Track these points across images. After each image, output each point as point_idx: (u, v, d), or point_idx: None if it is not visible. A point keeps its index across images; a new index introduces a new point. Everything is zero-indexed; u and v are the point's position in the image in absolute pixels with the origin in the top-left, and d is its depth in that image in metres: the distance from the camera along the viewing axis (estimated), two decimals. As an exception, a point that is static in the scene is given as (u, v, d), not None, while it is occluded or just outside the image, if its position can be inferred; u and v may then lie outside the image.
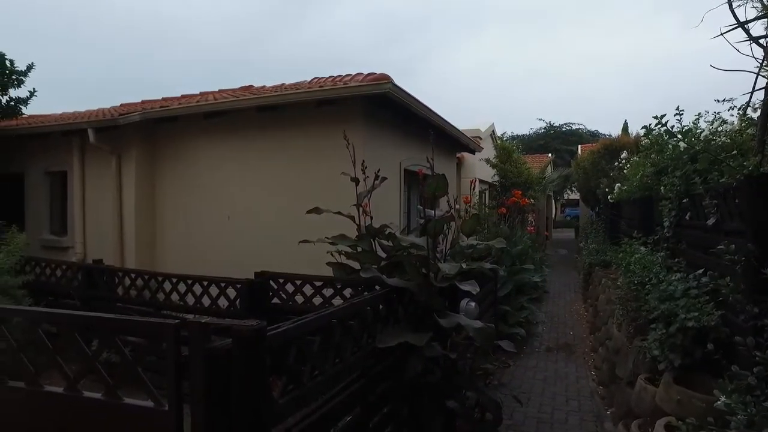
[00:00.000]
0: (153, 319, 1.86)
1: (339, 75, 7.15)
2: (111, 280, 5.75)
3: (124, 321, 1.94)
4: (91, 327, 2.06)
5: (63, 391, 1.96)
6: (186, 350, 1.75)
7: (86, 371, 1.93)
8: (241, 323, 1.75)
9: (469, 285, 3.38)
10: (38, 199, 9.09)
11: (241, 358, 1.74)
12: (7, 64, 8.55)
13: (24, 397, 2.05)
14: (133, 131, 7.71)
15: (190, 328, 1.73)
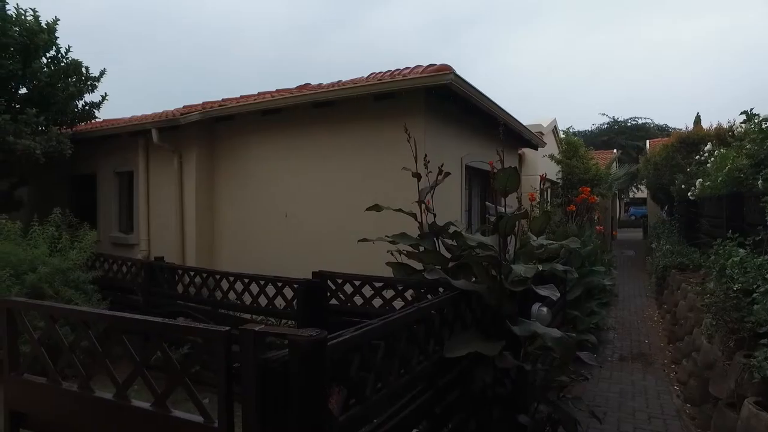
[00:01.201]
0: (203, 325, 1.68)
1: (397, 69, 6.91)
2: (171, 277, 5.80)
3: (174, 326, 1.78)
4: (139, 330, 1.92)
5: (112, 398, 1.82)
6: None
7: (135, 377, 1.78)
8: (300, 333, 1.53)
9: (547, 290, 3.04)
10: (108, 198, 9.45)
11: (299, 372, 1.52)
12: (83, 71, 8.94)
13: (73, 400, 1.94)
14: (193, 130, 7.83)
15: (242, 336, 1.53)
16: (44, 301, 2.13)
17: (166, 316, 5.77)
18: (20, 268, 5.52)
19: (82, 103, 9.04)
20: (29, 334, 2.08)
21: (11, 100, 7.87)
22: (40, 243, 5.90)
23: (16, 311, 2.09)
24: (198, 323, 1.69)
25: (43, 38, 8.29)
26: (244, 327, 1.56)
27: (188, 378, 1.71)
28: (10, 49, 7.88)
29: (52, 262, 5.66)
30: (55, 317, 2.02)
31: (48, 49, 8.53)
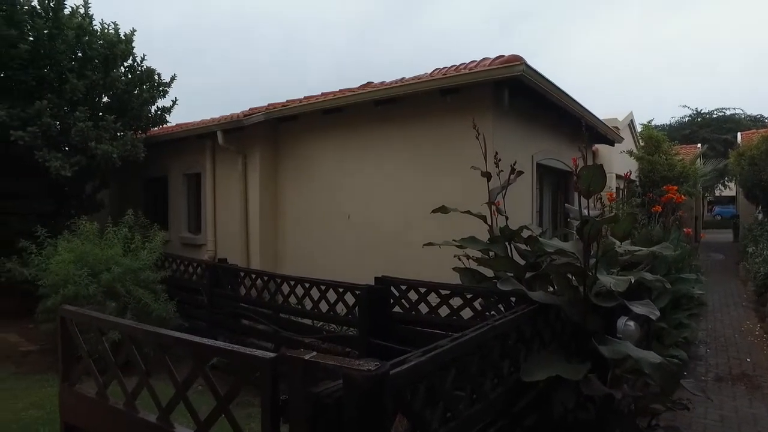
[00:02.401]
0: (247, 350, 1.48)
1: (462, 63, 6.58)
2: (234, 279, 5.80)
3: (216, 348, 1.60)
4: (182, 350, 1.76)
5: (155, 421, 1.68)
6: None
7: (177, 401, 1.62)
8: (357, 365, 1.28)
9: (644, 307, 2.63)
10: (178, 199, 9.78)
11: (355, 412, 1.28)
12: (155, 77, 9.31)
13: (119, 419, 1.82)
14: (256, 132, 7.89)
15: (290, 365, 1.31)
16: (93, 312, 2.04)
17: (229, 317, 5.78)
18: (97, 268, 5.73)
19: (154, 108, 9.41)
20: (80, 345, 1.99)
21: (94, 108, 8.29)
22: (114, 243, 6.11)
23: (68, 320, 2.00)
24: (244, 348, 1.48)
25: (121, 48, 8.69)
26: (293, 353, 1.34)
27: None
28: (94, 61, 8.31)
29: (124, 262, 5.84)
30: (103, 330, 1.91)
31: (125, 58, 8.94)
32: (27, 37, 7.57)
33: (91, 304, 5.44)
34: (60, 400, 2.08)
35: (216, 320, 5.92)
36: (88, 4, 8.64)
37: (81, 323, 2.01)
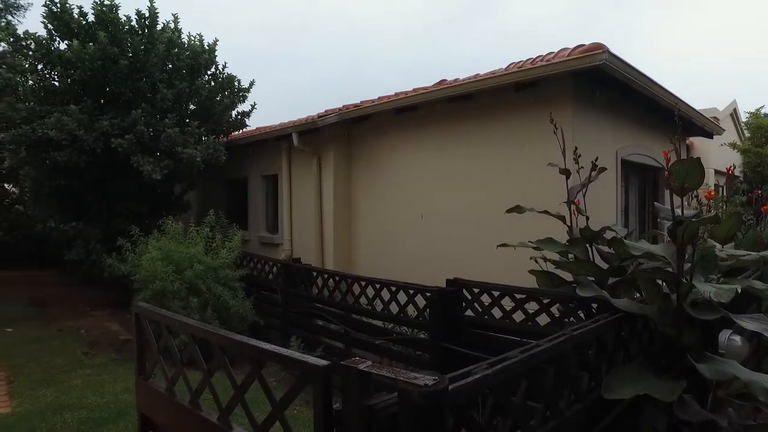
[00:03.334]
0: (301, 357, 1.43)
1: (539, 55, 6.25)
2: (307, 278, 5.90)
3: (271, 352, 1.56)
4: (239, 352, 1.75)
5: (216, 421, 1.68)
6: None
7: (235, 403, 1.61)
8: (414, 379, 1.18)
9: (756, 322, 2.29)
10: (257, 200, 10.20)
11: (410, 429, 1.18)
12: (235, 84, 9.77)
13: (184, 415, 1.85)
14: (330, 133, 8.00)
15: (344, 374, 1.24)
16: (160, 309, 2.10)
17: (302, 316, 5.89)
18: (181, 265, 6.07)
19: (235, 113, 9.87)
20: (150, 340, 2.06)
21: (181, 114, 8.84)
22: (197, 242, 6.45)
23: (142, 317, 2.08)
24: (299, 354, 1.43)
25: (205, 58, 9.20)
26: (347, 362, 1.27)
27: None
28: (182, 71, 8.87)
29: (206, 260, 6.14)
30: (171, 328, 1.95)
31: (209, 67, 9.45)
32: (126, 53, 8.22)
33: (177, 299, 5.78)
34: (136, 392, 2.17)
35: (290, 319, 6.06)
36: (177, 20, 9.24)
37: (152, 320, 2.08)
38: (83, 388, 4.97)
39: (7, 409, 4.47)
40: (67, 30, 8.28)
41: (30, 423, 4.15)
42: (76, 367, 5.57)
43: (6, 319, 7.64)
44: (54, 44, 8.40)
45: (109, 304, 8.77)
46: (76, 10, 8.38)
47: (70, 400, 4.64)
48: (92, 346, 6.49)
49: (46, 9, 8.26)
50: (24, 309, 8.52)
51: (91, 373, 5.39)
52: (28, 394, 4.80)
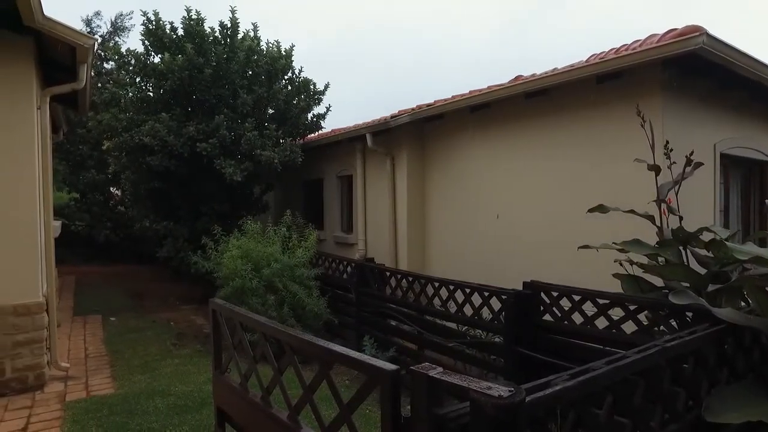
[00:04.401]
0: (369, 360, 1.39)
1: (623, 44, 5.83)
2: (379, 278, 5.92)
3: (339, 354, 1.54)
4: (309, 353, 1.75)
5: (285, 419, 1.69)
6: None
7: (304, 403, 1.60)
8: (486, 390, 1.11)
9: None
10: (332, 200, 10.41)
11: (483, 444, 1.10)
12: (311, 87, 10.04)
13: (255, 411, 1.88)
14: (403, 133, 7.98)
15: (413, 380, 1.19)
16: (234, 307, 2.16)
17: (375, 316, 5.91)
18: (259, 263, 6.31)
19: (310, 116, 10.13)
20: (225, 336, 2.12)
21: (260, 118, 9.23)
22: (274, 241, 6.68)
23: (218, 313, 2.15)
24: (367, 357, 1.40)
25: (282, 63, 9.54)
26: (417, 368, 1.22)
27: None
28: (260, 77, 9.26)
29: (282, 259, 6.34)
30: (245, 325, 2.00)
31: (286, 72, 9.79)
32: (211, 62, 8.72)
33: (255, 296, 6.01)
34: (213, 384, 2.25)
35: (363, 318, 6.11)
36: (256, 28, 9.66)
37: (227, 317, 2.14)
38: (172, 376, 5.31)
39: (110, 390, 4.90)
40: (160, 44, 8.94)
41: (128, 405, 4.50)
42: (166, 357, 5.96)
43: (111, 309, 8.38)
44: (149, 58, 9.10)
45: (195, 298, 9.34)
46: (168, 26, 9.03)
47: (160, 386, 4.98)
48: (180, 337, 6.93)
49: (144, 27, 8.97)
50: (124, 300, 9.29)
51: (179, 363, 5.75)
52: (126, 378, 5.22)
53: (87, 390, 4.93)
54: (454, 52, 53.73)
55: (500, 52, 49.58)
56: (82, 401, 4.60)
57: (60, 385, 5.05)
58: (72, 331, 7.03)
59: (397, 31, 57.93)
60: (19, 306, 4.79)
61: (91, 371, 5.46)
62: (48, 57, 5.33)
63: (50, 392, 4.86)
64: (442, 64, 52.10)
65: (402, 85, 48.52)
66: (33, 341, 4.88)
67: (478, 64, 46.68)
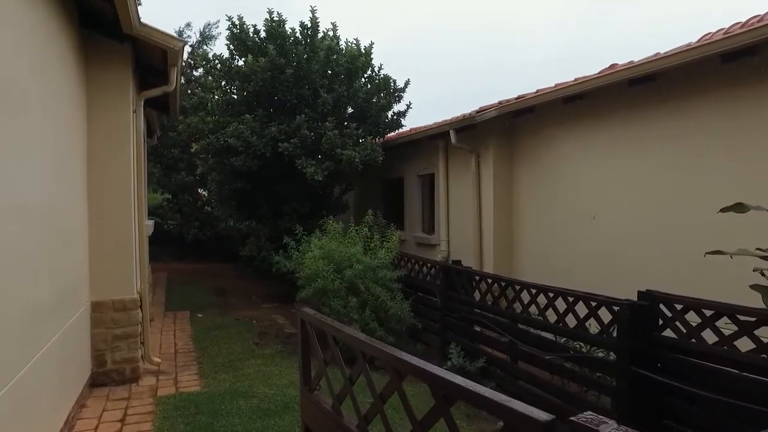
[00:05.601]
0: (518, 406, 1.07)
1: (755, 15, 5.03)
2: (467, 282, 5.54)
3: (471, 392, 1.22)
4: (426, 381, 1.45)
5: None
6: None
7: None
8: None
9: None
10: (413, 199, 10.15)
11: None
12: (391, 84, 9.84)
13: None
14: (489, 128, 7.55)
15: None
16: (326, 319, 1.92)
17: (461, 322, 5.55)
18: (341, 264, 6.16)
19: (390, 114, 9.93)
20: (316, 352, 1.88)
21: (340, 118, 9.17)
22: (356, 242, 6.51)
23: (307, 324, 1.92)
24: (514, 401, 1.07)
25: (362, 61, 9.42)
26: (584, 422, 0.88)
27: None
28: (340, 76, 9.21)
29: (364, 260, 6.15)
30: (338, 340, 1.75)
31: (365, 70, 9.66)
32: (291, 62, 8.78)
33: (337, 297, 5.87)
34: (300, 401, 2.03)
35: (448, 323, 5.77)
36: (335, 27, 9.62)
37: (318, 328, 1.91)
38: (254, 377, 5.28)
39: (197, 388, 4.95)
40: (244, 48, 9.14)
41: (213, 404, 4.49)
42: (248, 356, 5.97)
43: (198, 305, 8.66)
44: (234, 62, 9.35)
45: (276, 297, 9.45)
46: (251, 29, 9.22)
47: (243, 387, 4.95)
48: (262, 336, 6.96)
49: (229, 31, 9.22)
50: (210, 297, 9.60)
51: (261, 364, 5.73)
52: (212, 377, 5.26)
53: (176, 386, 5.00)
54: (517, 51, 51.79)
55: (563, 51, 47.03)
56: (171, 397, 4.66)
57: (152, 379, 5.18)
58: (163, 326, 7.31)
59: (460, 32, 56.70)
60: (117, 302, 4.96)
61: (179, 367, 5.57)
62: (142, 62, 5.51)
63: (144, 385, 4.99)
64: (505, 63, 50.33)
65: (463, 85, 47.42)
66: (129, 336, 5.04)
67: (545, 63, 44.52)
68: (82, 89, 4.61)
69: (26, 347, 2.93)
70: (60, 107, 3.93)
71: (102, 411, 4.37)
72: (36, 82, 3.29)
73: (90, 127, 4.78)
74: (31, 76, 3.19)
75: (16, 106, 2.83)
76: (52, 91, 3.73)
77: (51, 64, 3.69)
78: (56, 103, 3.84)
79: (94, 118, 4.78)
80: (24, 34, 3.04)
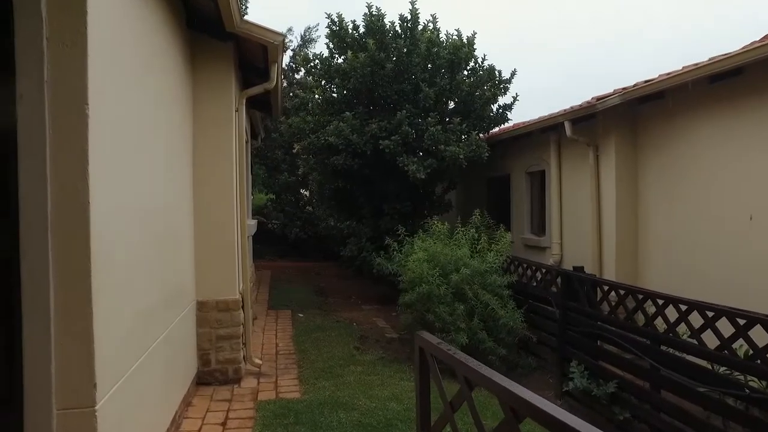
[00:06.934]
0: None
1: None
2: (592, 292, 4.81)
3: None
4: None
5: None
6: None
7: None
8: None
9: None
10: (520, 198, 9.40)
11: None
12: (496, 75, 9.19)
13: None
14: (610, 118, 6.67)
15: None
16: (460, 353, 1.47)
17: (584, 337, 4.84)
18: (446, 268, 5.70)
19: (496, 107, 9.28)
20: (440, 390, 1.45)
21: (442, 113, 8.72)
22: (462, 244, 6.02)
23: (426, 353, 1.50)
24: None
25: (464, 52, 8.88)
26: None
27: None
28: (441, 69, 8.76)
29: (472, 264, 5.64)
30: (471, 381, 1.30)
31: (468, 61, 9.11)
32: (391, 57, 8.49)
33: (442, 304, 5.42)
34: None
35: (567, 338, 5.07)
36: (435, 19, 9.18)
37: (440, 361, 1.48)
38: (355, 386, 5.00)
39: (296, 395, 4.76)
40: (344, 45, 9.01)
41: (312, 415, 4.26)
42: (349, 363, 5.73)
43: (299, 305, 8.68)
44: (333, 61, 9.28)
45: (376, 299, 9.22)
46: (350, 25, 9.08)
47: (344, 397, 4.68)
48: (362, 341, 6.72)
49: (328, 30, 9.15)
50: (311, 297, 9.61)
51: (362, 372, 5.45)
52: (311, 383, 5.06)
53: (276, 391, 4.87)
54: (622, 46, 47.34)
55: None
56: (271, 403, 4.51)
57: (253, 381, 5.10)
58: (266, 325, 7.34)
59: (563, 24, 53.00)
60: (220, 302, 4.93)
61: (280, 370, 5.46)
62: (244, 62, 5.48)
63: (245, 387, 4.91)
64: (617, 55, 46.24)
65: (567, 78, 44.26)
66: (231, 336, 4.99)
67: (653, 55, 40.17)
68: (188, 91, 4.63)
69: (142, 340, 2.93)
70: (173, 109, 3.93)
71: (206, 411, 4.32)
72: (161, 95, 3.32)
73: (194, 126, 4.79)
74: (156, 87, 3.22)
75: (153, 115, 2.85)
76: (168, 96, 3.76)
77: (167, 66, 3.70)
78: (171, 105, 3.84)
79: (197, 117, 4.79)
80: (156, 45, 3.04)
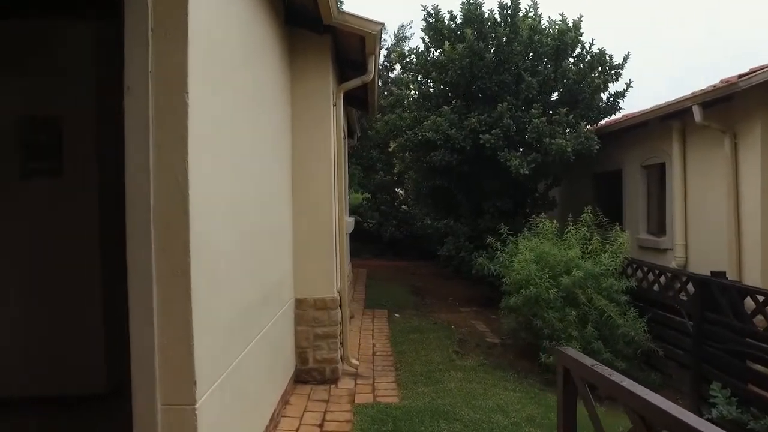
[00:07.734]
0: None
1: None
2: (739, 301, 4.08)
3: None
4: None
5: None
6: None
7: None
8: None
9: None
10: (634, 195, 8.49)
11: None
12: (606, 59, 8.40)
13: None
14: (752, 100, 5.72)
15: None
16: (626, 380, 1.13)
17: (727, 355, 4.12)
18: (556, 270, 5.22)
19: (606, 95, 8.50)
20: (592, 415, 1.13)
21: (546, 104, 8.13)
22: (573, 244, 5.48)
23: (575, 375, 1.18)
24: None
25: (570, 37, 8.22)
26: None
27: None
28: (544, 58, 8.19)
29: (585, 266, 5.10)
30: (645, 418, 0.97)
31: (574, 47, 8.42)
32: (491, 47, 8.07)
33: (551, 309, 4.95)
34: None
35: (704, 354, 4.36)
36: (536, 5, 8.61)
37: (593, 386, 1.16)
38: (456, 394, 4.71)
39: (395, 399, 4.58)
40: (440, 37, 8.72)
41: (412, 423, 4.04)
42: (449, 368, 5.44)
43: (395, 304, 8.52)
44: (429, 55, 9.02)
45: (474, 300, 8.83)
46: (447, 16, 8.77)
47: (445, 405, 4.41)
48: (462, 345, 6.39)
49: (424, 22, 8.91)
50: (407, 297, 9.42)
51: (462, 378, 5.14)
52: (410, 388, 4.85)
53: (374, 394, 4.71)
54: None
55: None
56: (369, 407, 4.35)
57: (350, 382, 4.99)
58: (362, 324, 7.26)
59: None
60: (318, 300, 4.88)
61: (377, 372, 5.31)
62: (340, 55, 5.41)
63: (342, 388, 4.81)
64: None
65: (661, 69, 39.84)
66: (329, 336, 4.92)
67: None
68: (286, 86, 4.61)
69: (241, 337, 2.89)
70: (270, 104, 3.92)
71: (303, 411, 4.25)
72: (259, 89, 3.31)
73: (292, 121, 4.77)
74: (254, 81, 3.22)
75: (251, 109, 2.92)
76: (266, 91, 3.75)
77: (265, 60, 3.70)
78: (268, 100, 3.83)
79: (295, 112, 4.76)
80: (255, 39, 3.04)
